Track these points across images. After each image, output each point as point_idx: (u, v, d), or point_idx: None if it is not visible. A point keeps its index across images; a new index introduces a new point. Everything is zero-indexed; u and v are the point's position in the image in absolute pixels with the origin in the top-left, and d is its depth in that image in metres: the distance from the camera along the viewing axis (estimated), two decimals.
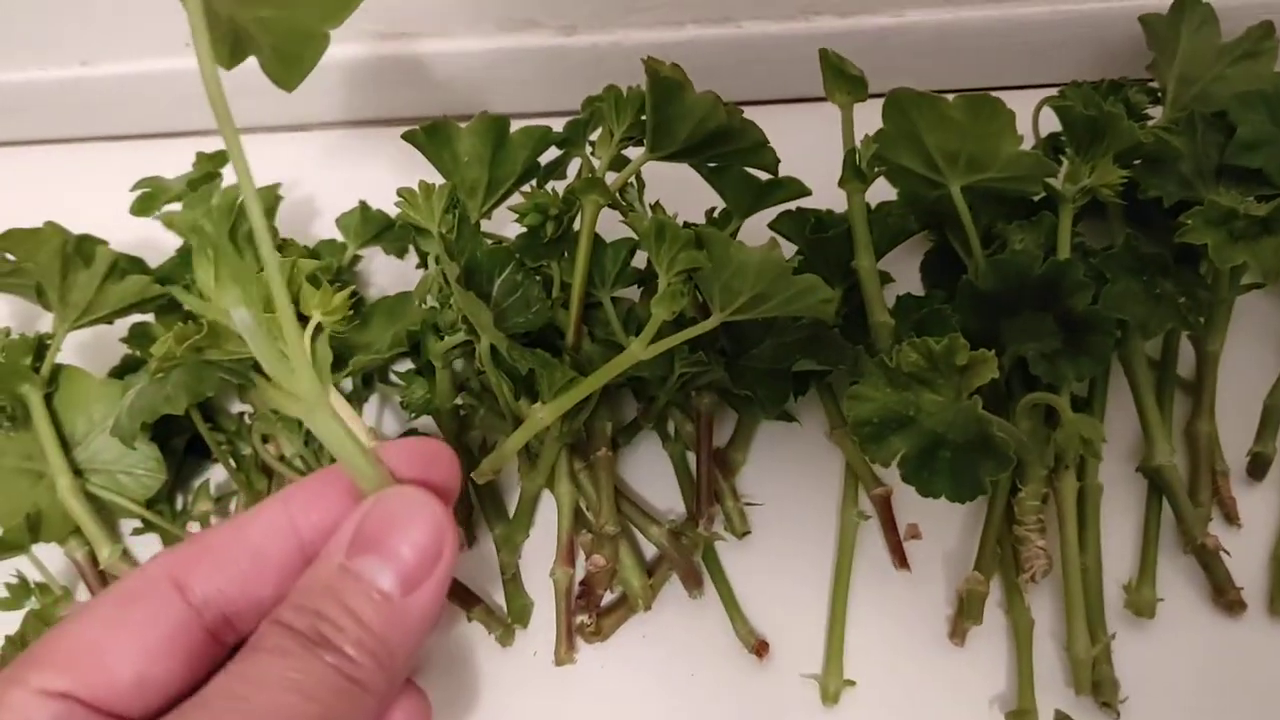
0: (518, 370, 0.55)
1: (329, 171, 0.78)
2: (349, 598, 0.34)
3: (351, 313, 0.54)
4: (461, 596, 0.60)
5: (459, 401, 0.61)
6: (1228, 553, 0.55)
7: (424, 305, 0.60)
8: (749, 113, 0.57)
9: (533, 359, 0.53)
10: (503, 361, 0.55)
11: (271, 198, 0.68)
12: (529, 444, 0.59)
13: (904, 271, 0.66)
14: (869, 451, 0.51)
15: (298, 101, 0.77)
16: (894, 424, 0.51)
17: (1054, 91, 0.64)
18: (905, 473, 0.50)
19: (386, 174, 0.64)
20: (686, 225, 0.62)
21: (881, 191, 0.61)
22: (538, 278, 0.60)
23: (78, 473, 0.59)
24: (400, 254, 0.72)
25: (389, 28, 0.72)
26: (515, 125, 0.62)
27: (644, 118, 0.57)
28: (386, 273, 0.73)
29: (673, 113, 0.55)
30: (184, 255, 0.67)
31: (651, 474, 0.63)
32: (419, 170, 0.60)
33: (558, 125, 0.63)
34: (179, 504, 0.66)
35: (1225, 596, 0.55)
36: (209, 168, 0.64)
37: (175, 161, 0.70)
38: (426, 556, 0.35)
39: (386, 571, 0.35)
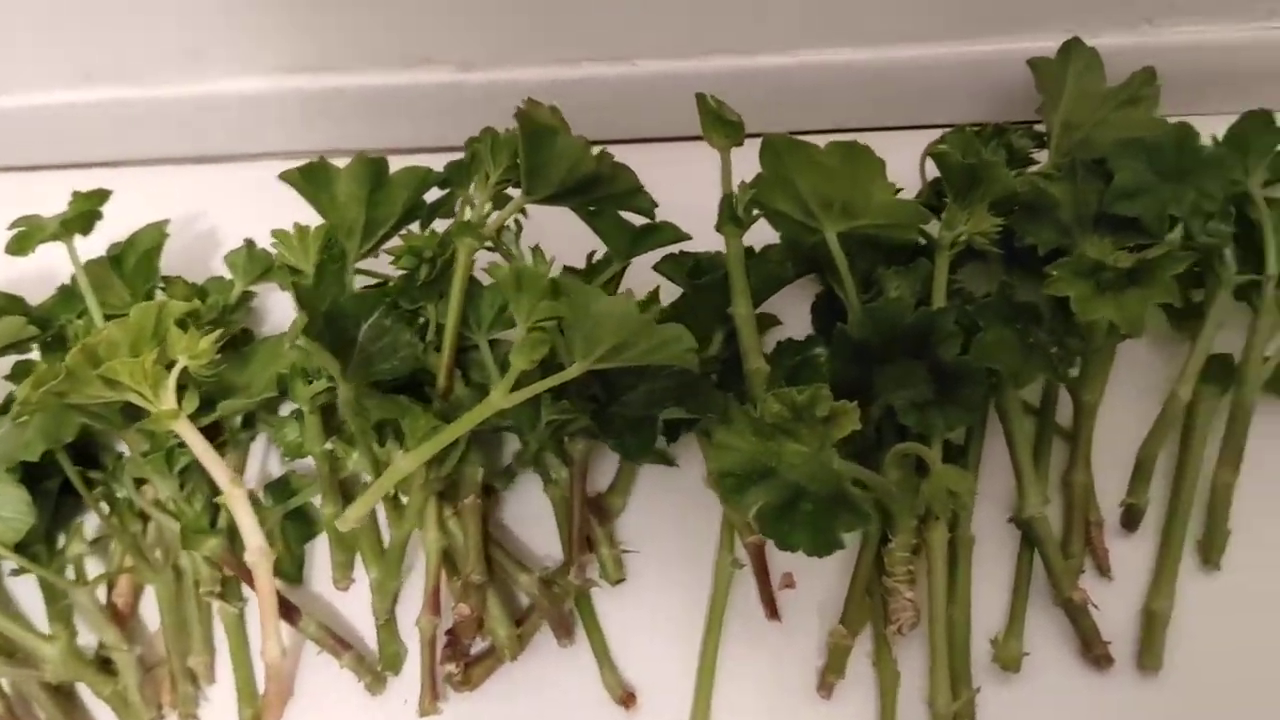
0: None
1: (229, 205, 0.77)
2: None
3: (219, 356, 0.54)
4: (335, 642, 0.59)
5: (329, 446, 0.60)
6: (1096, 606, 0.55)
7: (294, 348, 0.60)
8: (646, 150, 0.57)
9: (390, 408, 0.52)
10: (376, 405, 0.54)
11: (158, 236, 0.67)
12: (396, 490, 0.58)
13: (798, 312, 0.65)
14: (729, 502, 0.51)
15: (206, 133, 0.78)
16: (756, 475, 0.50)
17: (946, 131, 0.64)
18: (763, 525, 0.50)
19: (283, 210, 0.63)
20: (567, 270, 0.62)
21: (770, 234, 0.60)
22: (421, 320, 0.59)
23: None
24: None
25: (290, 62, 0.72)
26: (413, 161, 0.61)
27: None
28: (286, 309, 0.73)
29: (544, 158, 0.55)
30: (64, 294, 0.66)
31: (534, 516, 0.63)
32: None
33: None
34: (60, 543, 0.64)
35: (1093, 651, 0.54)
36: (85, 206, 0.63)
37: (56, 194, 0.69)
38: None
39: None
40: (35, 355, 0.65)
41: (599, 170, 0.55)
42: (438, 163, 0.64)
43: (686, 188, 0.60)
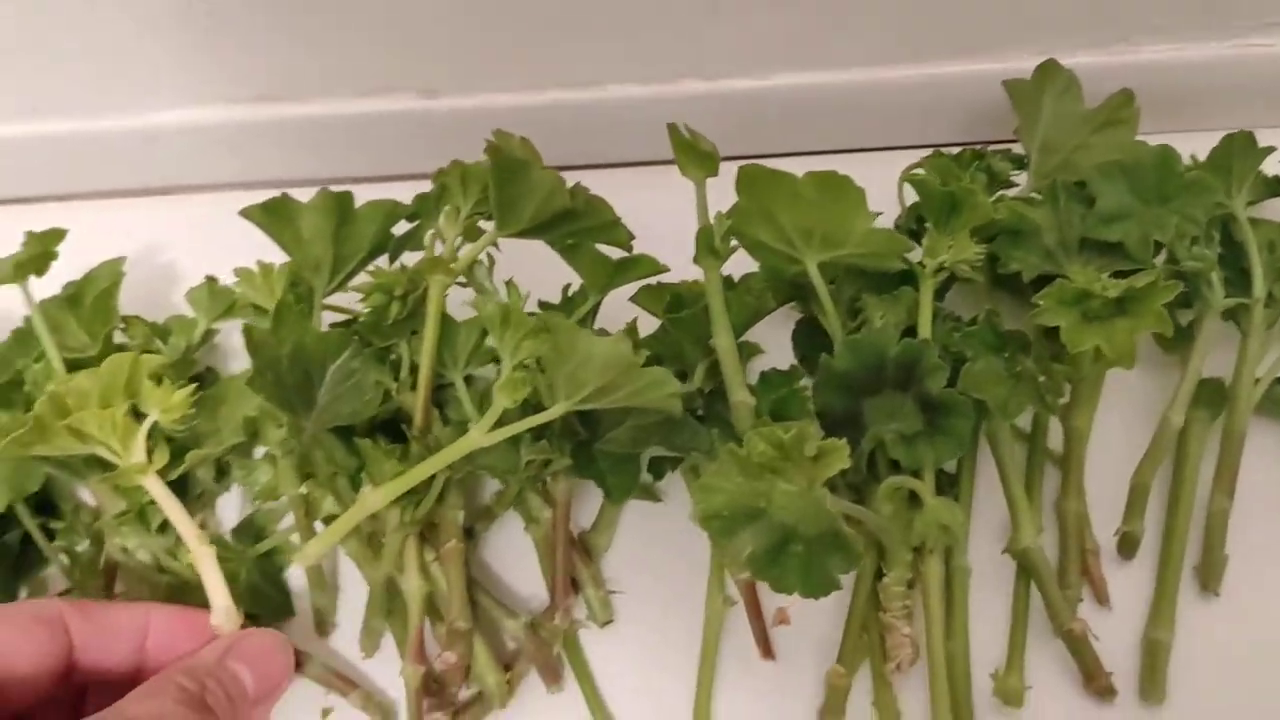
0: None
1: (189, 237, 0.75)
2: (227, 684, 0.45)
3: (194, 410, 0.52)
4: (341, 682, 0.57)
5: (303, 490, 0.58)
6: (1096, 637, 0.53)
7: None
8: (617, 175, 0.55)
9: (348, 458, 0.51)
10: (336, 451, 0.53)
11: (114, 274, 0.64)
12: (374, 532, 0.56)
13: (779, 340, 0.64)
14: (720, 545, 0.49)
15: (159, 165, 0.76)
16: (745, 516, 0.49)
17: (926, 152, 0.63)
18: (755, 569, 0.48)
19: (244, 243, 0.61)
20: (542, 305, 0.60)
21: (749, 263, 0.59)
22: (390, 358, 0.57)
23: None
24: None
25: (244, 91, 0.70)
26: (377, 189, 0.59)
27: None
28: None
29: (517, 192, 0.53)
30: (18, 337, 0.63)
31: (516, 557, 0.60)
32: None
33: (424, 187, 0.60)
34: (21, 596, 0.62)
35: (1096, 683, 0.53)
36: (39, 248, 0.61)
37: (25, 227, 0.67)
38: (274, 683, 0.47)
39: (251, 680, 0.46)
40: None
41: (573, 204, 0.53)
42: (403, 191, 0.61)
43: (660, 214, 0.58)
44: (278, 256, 0.60)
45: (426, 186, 0.60)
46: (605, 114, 0.69)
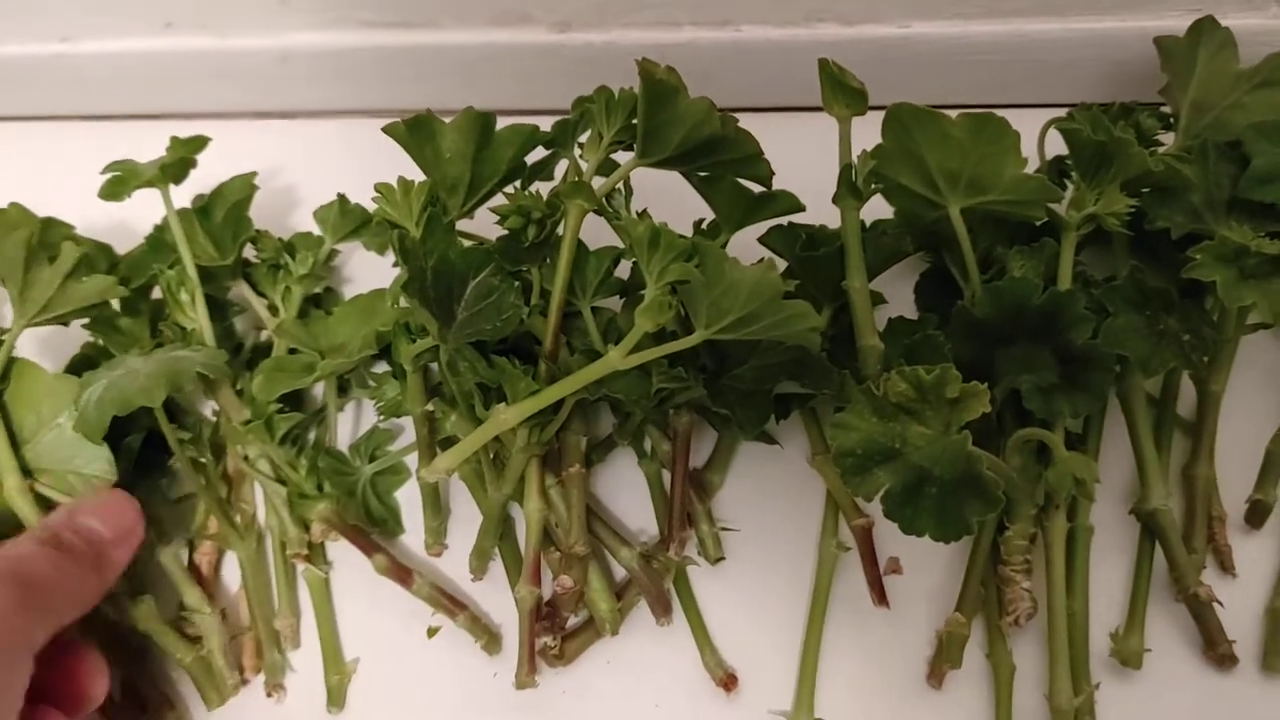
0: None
1: (311, 161, 0.75)
2: (80, 530, 0.51)
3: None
4: (449, 603, 0.58)
5: (430, 407, 0.58)
6: (1220, 603, 0.53)
7: (397, 305, 0.58)
8: (744, 119, 0.55)
9: (489, 371, 0.51)
10: (470, 368, 0.53)
11: (247, 188, 0.65)
12: (498, 454, 0.56)
13: (897, 291, 0.63)
14: (852, 484, 0.49)
15: (283, 89, 0.76)
16: (879, 456, 0.49)
17: (1060, 111, 0.62)
18: (888, 509, 0.48)
19: (370, 166, 0.60)
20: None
21: (877, 208, 0.58)
22: (516, 283, 0.57)
23: (26, 473, 0.56)
24: (380, 250, 0.69)
25: (378, 16, 0.70)
26: (501, 123, 0.59)
27: (635, 122, 0.55)
28: (365, 268, 0.71)
29: (665, 118, 0.53)
30: (152, 243, 0.64)
31: (624, 491, 0.61)
32: (403, 164, 0.58)
33: (545, 124, 0.60)
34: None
35: (1216, 650, 0.52)
36: (183, 153, 0.62)
37: (152, 143, 0.67)
38: (127, 528, 0.53)
39: (101, 525, 0.52)
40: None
41: (723, 133, 0.53)
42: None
43: (783, 161, 0.57)
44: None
45: (547, 124, 0.60)
46: (738, 55, 0.69)
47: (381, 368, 0.64)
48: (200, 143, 0.62)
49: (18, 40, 0.74)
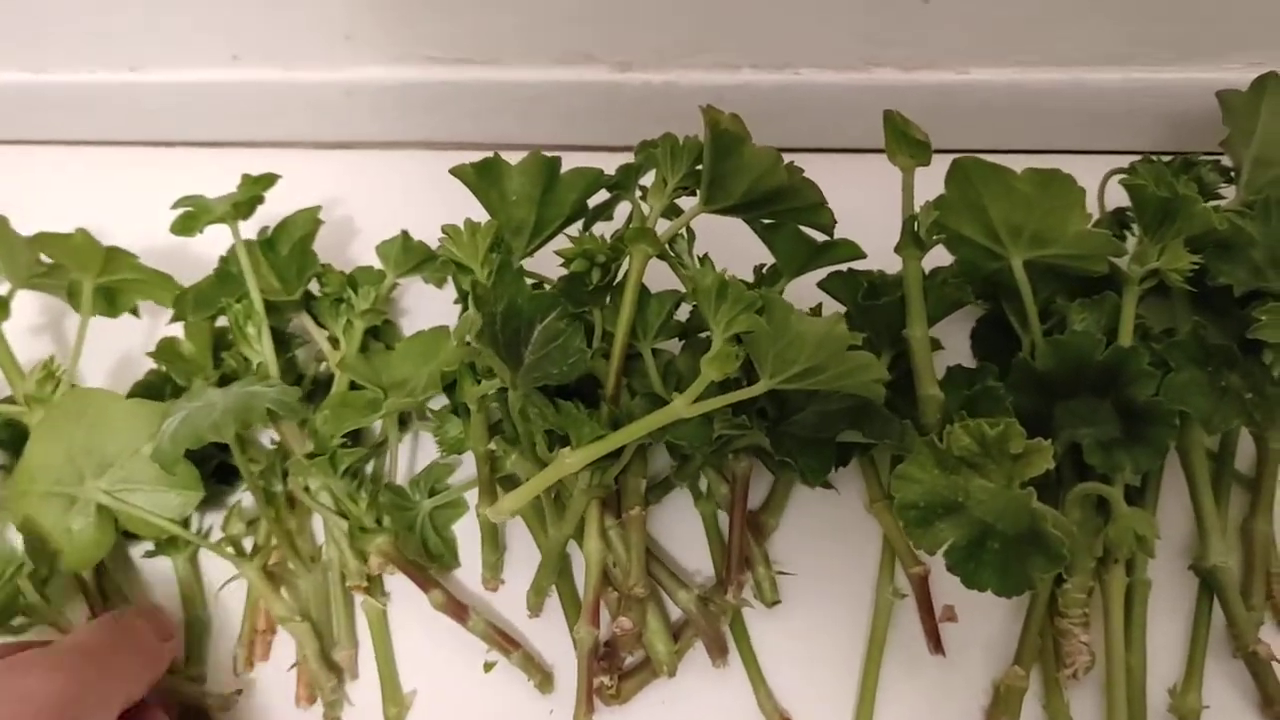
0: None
1: (372, 193, 0.77)
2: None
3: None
4: (503, 640, 0.58)
5: (492, 446, 0.59)
6: (1279, 660, 0.53)
7: (460, 345, 0.59)
8: (800, 161, 0.55)
9: (557, 417, 0.51)
10: (540, 414, 0.53)
11: (311, 223, 0.66)
12: (559, 494, 0.57)
13: (952, 338, 0.63)
14: (915, 536, 0.49)
15: (346, 121, 0.77)
16: (941, 509, 0.49)
17: (1118, 159, 0.62)
18: (951, 562, 0.48)
19: (429, 198, 0.62)
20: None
21: (934, 255, 0.59)
22: (581, 326, 0.58)
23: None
24: (439, 284, 0.70)
25: (442, 53, 0.71)
26: (565, 161, 0.60)
27: (699, 168, 0.55)
28: (424, 301, 0.72)
29: (731, 167, 0.53)
30: (220, 275, 0.65)
31: (680, 531, 0.61)
32: (462, 197, 0.59)
33: (602, 160, 0.61)
34: (193, 527, 0.64)
35: (1274, 708, 0.52)
36: (253, 191, 0.63)
37: (216, 170, 0.69)
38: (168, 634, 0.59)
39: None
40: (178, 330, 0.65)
41: (788, 183, 0.53)
42: (583, 163, 0.61)
43: (837, 201, 0.58)
44: (457, 218, 0.60)
45: (607, 159, 0.61)
46: (795, 98, 0.69)
47: (439, 401, 0.65)
48: (270, 180, 0.64)
49: (88, 68, 0.76)
